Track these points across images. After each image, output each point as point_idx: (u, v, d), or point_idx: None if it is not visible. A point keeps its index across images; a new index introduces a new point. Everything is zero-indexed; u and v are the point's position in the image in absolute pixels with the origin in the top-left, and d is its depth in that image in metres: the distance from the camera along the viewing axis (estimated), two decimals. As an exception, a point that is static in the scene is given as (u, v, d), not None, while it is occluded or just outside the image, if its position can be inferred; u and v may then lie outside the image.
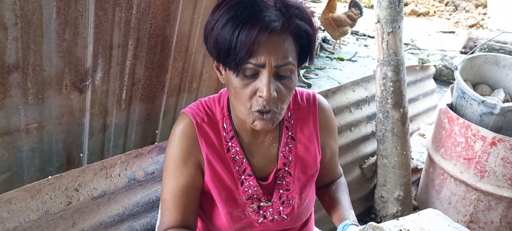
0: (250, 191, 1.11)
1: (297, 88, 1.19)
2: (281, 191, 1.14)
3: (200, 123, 1.08)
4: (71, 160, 1.57)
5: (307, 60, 1.03)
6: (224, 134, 1.10)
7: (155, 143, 1.63)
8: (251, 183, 1.11)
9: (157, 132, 1.82)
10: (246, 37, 0.89)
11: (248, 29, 0.89)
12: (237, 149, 1.10)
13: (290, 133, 1.15)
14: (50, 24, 1.24)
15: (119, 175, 1.34)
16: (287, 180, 1.15)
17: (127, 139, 1.73)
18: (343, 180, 1.36)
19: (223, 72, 1.02)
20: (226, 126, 1.10)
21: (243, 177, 1.11)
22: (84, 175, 1.28)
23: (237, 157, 1.10)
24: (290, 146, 1.15)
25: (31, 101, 1.34)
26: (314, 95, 1.20)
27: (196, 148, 1.08)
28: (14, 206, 1.15)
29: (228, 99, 1.11)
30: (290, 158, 1.15)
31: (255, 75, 0.95)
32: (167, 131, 1.88)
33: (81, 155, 1.59)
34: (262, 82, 0.93)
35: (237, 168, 1.10)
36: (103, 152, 1.67)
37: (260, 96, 0.94)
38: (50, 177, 1.22)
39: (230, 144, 1.10)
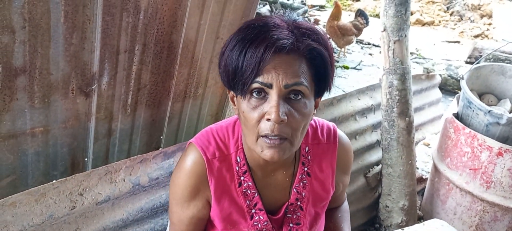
0: (259, 226, 1.08)
1: (317, 119, 1.15)
2: (291, 225, 1.11)
3: (211, 159, 1.03)
4: (76, 164, 1.57)
5: (326, 88, 0.97)
6: (237, 168, 1.05)
7: (160, 149, 1.63)
8: (261, 217, 1.08)
9: (161, 137, 1.82)
10: (252, 56, 0.87)
11: (254, 48, 0.87)
12: (250, 183, 1.06)
13: (305, 169, 1.11)
14: (58, 28, 1.24)
15: (124, 180, 1.34)
16: (298, 214, 1.11)
17: (132, 144, 1.73)
18: (346, 207, 1.35)
19: (235, 100, 0.99)
20: (239, 159, 1.05)
21: (253, 211, 1.07)
22: (89, 179, 1.28)
23: (248, 191, 1.07)
24: (305, 181, 1.11)
25: (37, 105, 1.34)
26: (335, 132, 1.15)
27: (204, 185, 1.04)
28: (18, 210, 1.15)
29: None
30: (304, 194, 1.11)
31: (263, 97, 0.90)
32: (171, 137, 1.88)
33: (86, 159, 1.59)
34: (271, 104, 0.88)
35: (248, 202, 1.07)
36: (107, 156, 1.66)
37: (268, 119, 0.89)
38: (54, 181, 1.22)
39: (242, 178, 1.06)
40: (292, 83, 0.88)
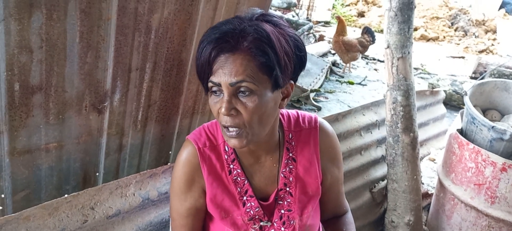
0: (251, 212, 1.13)
1: (299, 112, 1.23)
2: (282, 211, 1.16)
3: (202, 148, 1.12)
4: (88, 179, 1.61)
5: (284, 78, 1.02)
6: (226, 157, 1.14)
7: (169, 163, 1.66)
8: (252, 204, 1.14)
9: (170, 152, 1.85)
10: (203, 59, 0.97)
11: (204, 50, 0.96)
12: (239, 171, 1.14)
13: (290, 154, 1.18)
14: (73, 47, 1.29)
15: (134, 195, 1.37)
16: (288, 200, 1.17)
17: (142, 159, 1.76)
18: (351, 219, 1.37)
19: None
20: (227, 149, 1.14)
21: (244, 198, 1.14)
22: (100, 193, 1.31)
23: (238, 179, 1.14)
24: (291, 166, 1.17)
25: (52, 121, 1.38)
26: (315, 118, 1.23)
27: (198, 174, 1.12)
28: (32, 223, 1.18)
29: None
30: (291, 179, 1.17)
31: (219, 94, 0.99)
32: (180, 152, 1.91)
33: (97, 174, 1.63)
34: (222, 99, 0.98)
35: (239, 189, 1.13)
36: (118, 171, 1.70)
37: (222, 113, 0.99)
38: (67, 195, 1.25)
39: (231, 166, 1.14)
40: (235, 81, 0.95)
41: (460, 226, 2.38)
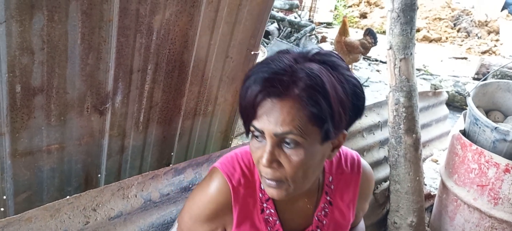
0: None
1: (342, 150, 1.14)
2: None
3: (237, 187, 1.02)
4: (89, 180, 1.61)
5: (337, 128, 0.88)
6: (260, 195, 1.05)
7: (171, 165, 1.66)
8: None
9: (172, 154, 1.85)
10: (249, 99, 0.86)
11: (251, 91, 0.85)
12: (272, 210, 1.06)
13: (328, 198, 1.10)
14: (75, 49, 1.29)
15: (136, 196, 1.37)
16: None
17: (143, 161, 1.76)
18: (363, 226, 1.35)
19: None
20: (263, 187, 1.02)
21: None
22: (102, 195, 1.31)
23: (270, 219, 1.06)
24: (326, 210, 1.10)
25: (53, 122, 1.39)
26: (359, 162, 1.14)
27: (225, 213, 1.03)
28: (34, 225, 1.18)
29: None
30: (324, 222, 1.11)
31: (262, 140, 0.89)
32: (182, 153, 1.91)
33: (99, 175, 1.63)
34: (265, 149, 0.87)
35: (269, 228, 1.06)
36: (120, 172, 1.70)
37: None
38: (69, 196, 1.25)
39: (265, 205, 1.05)
40: (281, 132, 0.84)
41: (463, 227, 2.37)
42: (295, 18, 7.38)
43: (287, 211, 1.08)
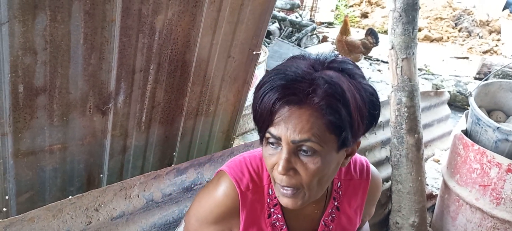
0: None
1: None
2: None
3: (245, 192, 1.01)
4: (92, 180, 1.61)
5: (353, 137, 0.89)
6: (268, 200, 1.04)
7: (173, 165, 1.66)
8: None
9: (174, 154, 1.85)
10: (265, 106, 0.85)
11: (268, 97, 0.84)
12: (279, 216, 1.05)
13: (336, 203, 1.10)
14: (77, 49, 1.29)
15: (138, 196, 1.37)
16: None
17: (146, 161, 1.76)
18: (367, 227, 1.35)
19: None
20: (272, 192, 1.04)
21: None
22: (104, 195, 1.31)
23: (277, 223, 1.06)
24: (334, 215, 1.10)
25: (56, 123, 1.39)
26: (368, 168, 1.14)
27: (232, 216, 1.03)
28: (36, 225, 1.18)
29: None
30: (331, 227, 1.10)
31: (277, 147, 0.88)
32: (184, 153, 1.91)
33: (101, 175, 1.63)
34: (280, 156, 0.87)
35: None
36: (122, 173, 1.70)
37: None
38: (71, 197, 1.25)
39: (272, 210, 1.05)
40: (299, 139, 0.84)
41: (465, 228, 2.37)
42: (296, 18, 7.38)
43: (294, 216, 1.07)
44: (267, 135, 0.88)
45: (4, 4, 1.09)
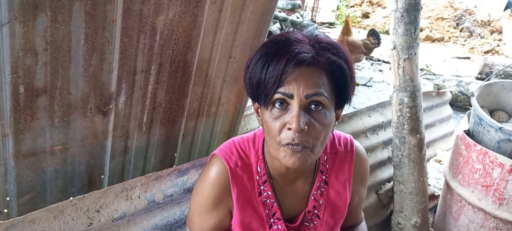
0: None
1: (335, 132, 1.18)
2: None
3: (234, 168, 1.07)
4: (93, 182, 1.60)
5: (346, 100, 1.00)
6: (257, 177, 1.09)
7: (174, 166, 1.66)
8: (279, 226, 1.10)
9: (175, 155, 1.85)
10: (274, 69, 0.91)
11: (276, 61, 0.91)
12: (269, 193, 1.09)
13: (324, 177, 1.13)
14: (78, 50, 1.28)
15: (139, 197, 1.37)
16: (315, 222, 1.14)
17: (147, 162, 1.76)
18: (364, 227, 1.36)
19: (259, 111, 1.02)
20: (260, 169, 1.09)
21: (272, 220, 1.10)
22: (106, 196, 1.31)
23: (268, 201, 1.09)
24: (322, 189, 1.13)
25: (57, 124, 1.38)
26: (351, 141, 1.18)
27: (227, 195, 1.07)
28: (37, 226, 1.18)
29: (263, 141, 1.10)
30: (321, 202, 1.13)
31: (285, 108, 0.93)
32: (185, 154, 1.91)
33: (102, 176, 1.62)
34: (292, 113, 0.91)
35: (267, 211, 1.10)
36: (123, 174, 1.69)
37: (289, 129, 0.92)
38: (72, 198, 1.25)
39: (262, 187, 1.09)
40: (312, 93, 0.91)
41: (468, 228, 2.36)
42: (298, 18, 7.38)
43: (285, 193, 1.11)
44: (277, 95, 0.92)
45: (4, 5, 1.09)
